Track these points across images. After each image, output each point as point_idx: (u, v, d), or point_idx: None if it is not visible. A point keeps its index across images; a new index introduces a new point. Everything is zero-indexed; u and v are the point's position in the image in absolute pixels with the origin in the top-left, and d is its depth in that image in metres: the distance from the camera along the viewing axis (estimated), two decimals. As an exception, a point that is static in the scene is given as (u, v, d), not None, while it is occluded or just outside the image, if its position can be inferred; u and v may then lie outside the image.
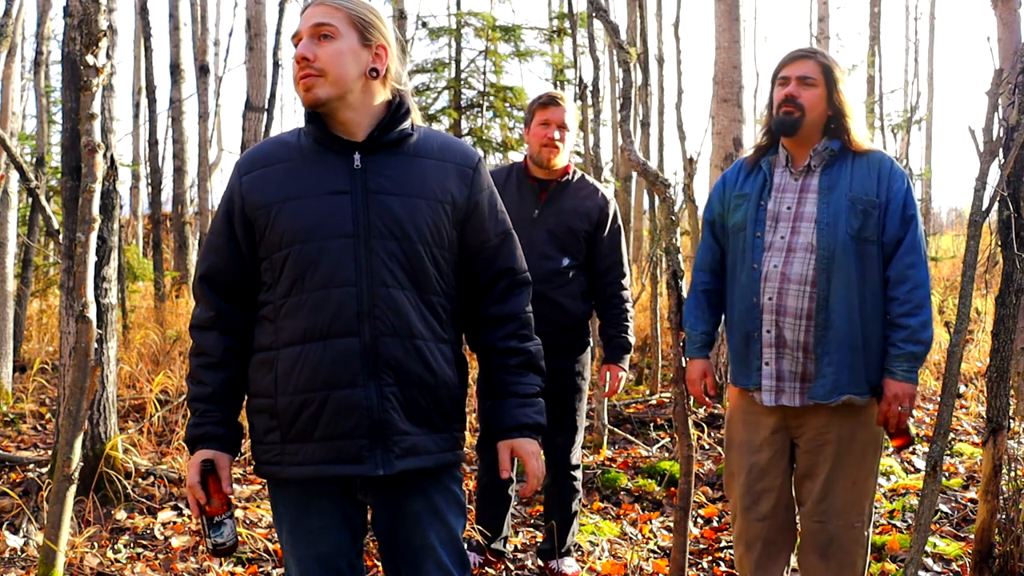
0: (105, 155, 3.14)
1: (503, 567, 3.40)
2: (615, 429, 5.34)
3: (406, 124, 1.76)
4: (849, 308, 2.35)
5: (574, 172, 3.26)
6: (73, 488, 2.89)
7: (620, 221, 3.29)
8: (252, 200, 1.73)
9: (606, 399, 5.13)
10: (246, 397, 1.81)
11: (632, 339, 3.29)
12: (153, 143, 10.75)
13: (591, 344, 3.35)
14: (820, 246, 2.37)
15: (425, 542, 1.75)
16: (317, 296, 1.67)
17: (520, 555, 3.55)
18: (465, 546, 1.91)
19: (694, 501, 3.79)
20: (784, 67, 2.47)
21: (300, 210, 1.69)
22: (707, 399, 2.70)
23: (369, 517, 1.87)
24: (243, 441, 1.80)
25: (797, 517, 2.58)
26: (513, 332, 1.82)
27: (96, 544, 3.44)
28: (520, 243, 3.25)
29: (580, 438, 3.33)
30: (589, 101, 5.79)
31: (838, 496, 2.43)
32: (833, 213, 2.37)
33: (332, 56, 1.67)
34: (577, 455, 3.31)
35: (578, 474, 3.33)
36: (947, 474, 4.43)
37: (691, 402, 3.31)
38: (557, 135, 3.13)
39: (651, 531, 3.82)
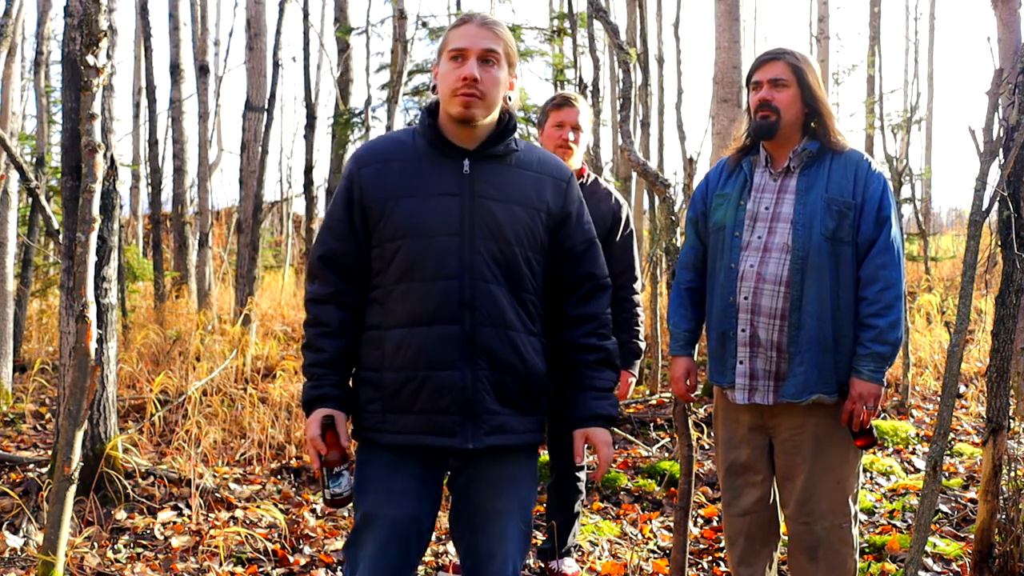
0: (105, 155, 3.14)
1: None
2: (615, 429, 5.34)
3: (511, 138, 1.96)
4: (821, 309, 2.36)
5: (588, 175, 3.25)
6: (73, 488, 2.89)
7: (632, 226, 3.28)
8: (370, 193, 1.91)
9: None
10: (354, 369, 1.98)
11: (643, 344, 3.28)
12: (153, 143, 10.75)
13: None
14: (795, 247, 2.38)
15: (496, 506, 1.95)
16: (425, 286, 1.86)
17: (520, 555, 3.55)
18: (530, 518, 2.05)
19: (694, 501, 3.79)
20: (755, 71, 2.50)
21: (414, 208, 1.88)
22: (691, 397, 2.71)
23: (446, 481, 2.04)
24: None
25: (780, 514, 2.59)
26: (593, 331, 2.00)
27: (96, 544, 3.44)
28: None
29: None
30: (589, 101, 5.79)
31: (823, 497, 2.43)
32: (809, 214, 2.39)
33: (493, 83, 1.90)
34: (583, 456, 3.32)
35: (582, 475, 3.33)
36: (947, 474, 4.43)
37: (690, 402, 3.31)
38: (571, 136, 3.12)
39: (651, 531, 3.82)
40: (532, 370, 1.92)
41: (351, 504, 1.94)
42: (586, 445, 2.01)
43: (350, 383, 1.99)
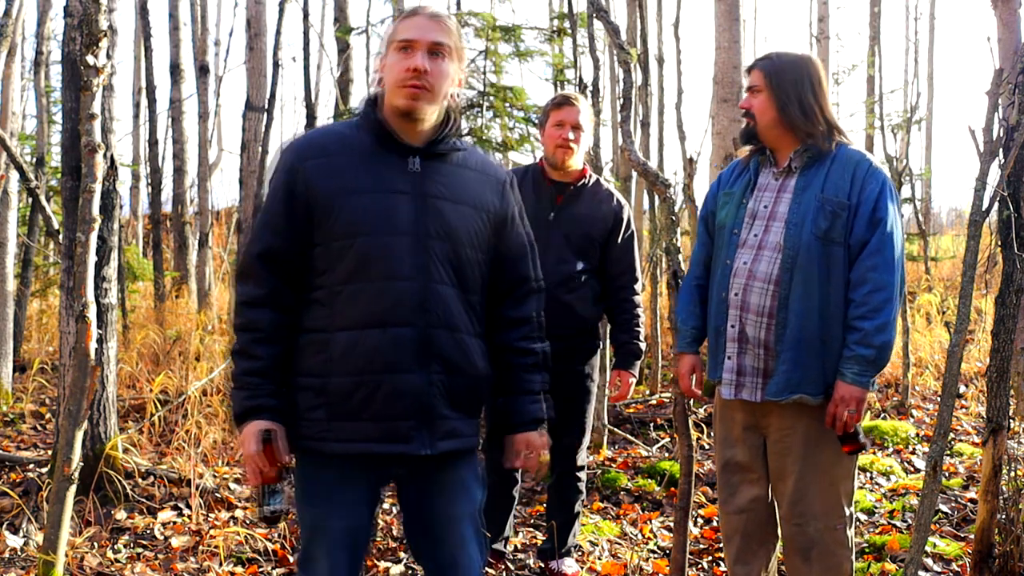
0: (105, 155, 3.14)
1: (503, 567, 3.40)
2: (615, 429, 5.34)
3: (456, 137, 1.93)
4: (808, 308, 2.35)
5: (590, 176, 3.25)
6: (73, 488, 2.89)
7: (633, 226, 3.28)
8: (317, 187, 1.82)
9: (607, 399, 5.13)
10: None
11: (643, 345, 3.28)
12: (153, 143, 10.75)
13: (600, 347, 3.35)
14: (787, 246, 2.38)
15: (453, 512, 1.92)
16: (378, 287, 1.79)
17: (520, 555, 3.55)
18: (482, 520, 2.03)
19: (694, 501, 3.79)
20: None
21: (365, 204, 1.81)
22: (696, 393, 2.71)
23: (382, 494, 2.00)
24: (237, 447, 1.82)
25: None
26: (527, 334, 2.00)
27: (96, 544, 3.44)
28: (536, 244, 3.35)
29: (587, 440, 3.33)
30: (589, 101, 5.78)
31: (816, 499, 2.41)
32: (802, 213, 2.39)
33: (441, 76, 1.84)
34: (583, 457, 3.32)
35: (582, 475, 3.33)
36: (947, 474, 4.43)
37: (691, 402, 3.31)
38: (571, 135, 3.12)
39: (651, 531, 3.82)
40: (478, 373, 1.90)
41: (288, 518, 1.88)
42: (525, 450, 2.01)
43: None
